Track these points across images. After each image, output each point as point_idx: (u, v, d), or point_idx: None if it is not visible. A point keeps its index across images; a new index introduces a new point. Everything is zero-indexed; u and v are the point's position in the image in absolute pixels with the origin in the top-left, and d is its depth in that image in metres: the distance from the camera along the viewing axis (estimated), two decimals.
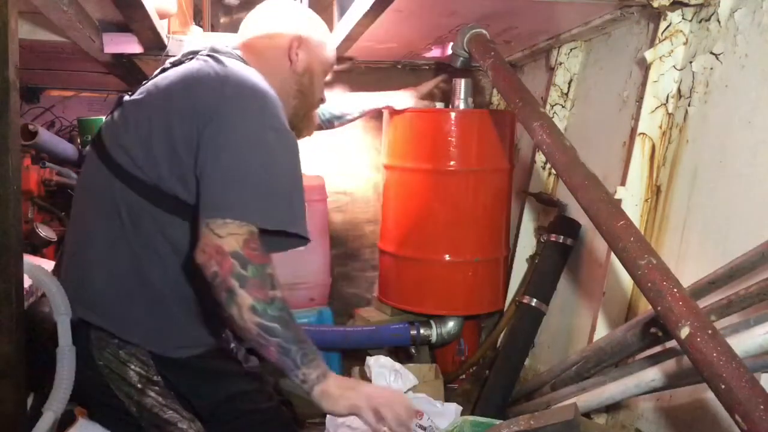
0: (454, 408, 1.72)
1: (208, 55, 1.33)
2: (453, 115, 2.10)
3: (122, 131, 1.29)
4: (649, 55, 1.71)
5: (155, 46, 2.26)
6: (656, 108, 1.70)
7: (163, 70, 1.37)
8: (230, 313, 1.13)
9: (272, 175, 1.21)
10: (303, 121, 1.50)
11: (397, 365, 1.82)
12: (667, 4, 1.64)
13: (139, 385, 1.27)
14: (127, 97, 1.35)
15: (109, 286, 1.28)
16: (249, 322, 1.12)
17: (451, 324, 2.20)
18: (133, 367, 1.28)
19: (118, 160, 1.27)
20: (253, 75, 1.30)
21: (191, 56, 1.36)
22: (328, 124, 2.03)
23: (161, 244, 1.27)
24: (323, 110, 2.00)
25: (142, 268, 1.27)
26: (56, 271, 1.38)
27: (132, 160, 1.26)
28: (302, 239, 1.28)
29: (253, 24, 1.46)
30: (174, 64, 1.37)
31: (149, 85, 1.33)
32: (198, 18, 3.11)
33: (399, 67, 2.71)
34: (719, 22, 1.57)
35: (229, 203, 1.16)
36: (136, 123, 1.28)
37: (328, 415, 1.64)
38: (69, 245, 1.37)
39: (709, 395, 0.98)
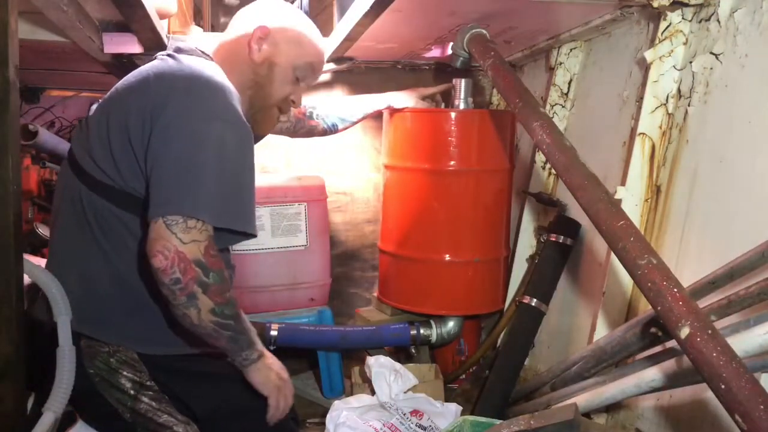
0: (454, 408, 1.73)
1: (168, 55, 1.34)
2: (453, 115, 2.10)
3: (85, 136, 1.31)
4: (649, 55, 1.71)
5: (155, 46, 2.25)
6: (656, 108, 1.70)
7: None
8: (186, 313, 1.17)
9: (223, 170, 1.20)
10: (259, 114, 1.45)
11: (397, 365, 1.82)
12: (667, 4, 1.64)
13: (132, 392, 1.27)
14: (94, 106, 1.36)
15: (87, 291, 1.29)
16: (206, 321, 1.19)
17: (451, 324, 2.20)
18: (125, 373, 1.28)
19: (85, 167, 1.29)
20: (207, 68, 1.29)
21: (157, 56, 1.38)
22: (333, 128, 2.03)
23: (132, 245, 1.27)
24: (327, 115, 2.01)
25: (116, 271, 1.28)
26: None
27: (96, 164, 1.27)
28: (249, 235, 1.29)
29: (234, 18, 1.48)
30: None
31: (112, 89, 1.34)
32: (198, 18, 3.11)
33: (399, 67, 2.70)
34: (719, 22, 1.57)
35: (187, 201, 1.15)
36: (98, 126, 1.29)
37: (328, 415, 1.64)
38: (49, 255, 1.39)
39: (709, 395, 0.98)
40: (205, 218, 1.16)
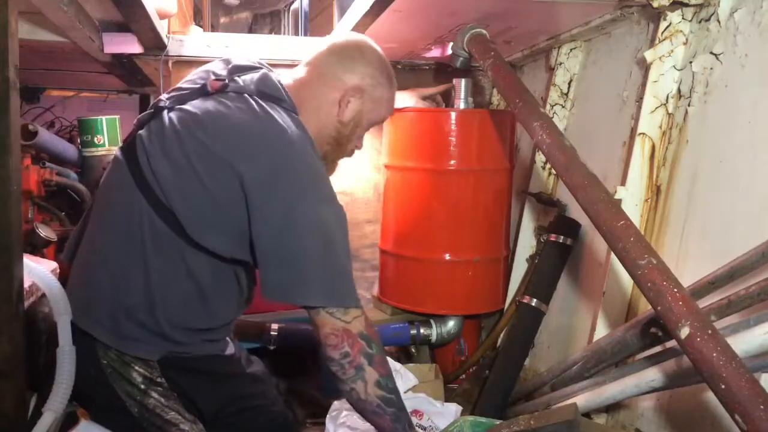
0: (454, 408, 1.72)
1: (257, 102, 1.27)
2: (453, 115, 2.10)
3: (159, 157, 1.25)
4: (649, 55, 1.71)
5: (155, 46, 2.26)
6: (656, 108, 1.70)
7: (205, 91, 1.30)
8: (354, 387, 1.23)
9: (344, 252, 1.27)
10: (327, 164, 1.43)
11: (397, 365, 1.82)
12: (667, 4, 1.64)
13: (142, 386, 1.27)
14: (165, 115, 1.28)
15: (117, 302, 1.27)
16: (372, 395, 1.23)
17: (451, 324, 2.20)
18: (137, 368, 1.28)
19: (150, 183, 1.25)
20: (300, 141, 1.26)
21: (238, 90, 1.29)
22: None
23: (177, 264, 1.26)
24: None
25: (152, 288, 1.25)
26: (64, 274, 1.37)
27: (162, 190, 1.24)
28: None
29: (325, 56, 1.40)
30: (218, 89, 1.30)
31: (193, 118, 1.26)
32: (198, 18, 3.11)
33: (399, 67, 2.70)
34: (719, 22, 1.57)
35: (338, 294, 1.23)
36: (173, 157, 1.25)
37: (328, 415, 1.64)
38: (83, 249, 1.34)
39: (709, 395, 0.98)
40: (354, 303, 1.24)
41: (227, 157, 1.22)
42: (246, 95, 1.28)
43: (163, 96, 1.35)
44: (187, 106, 1.28)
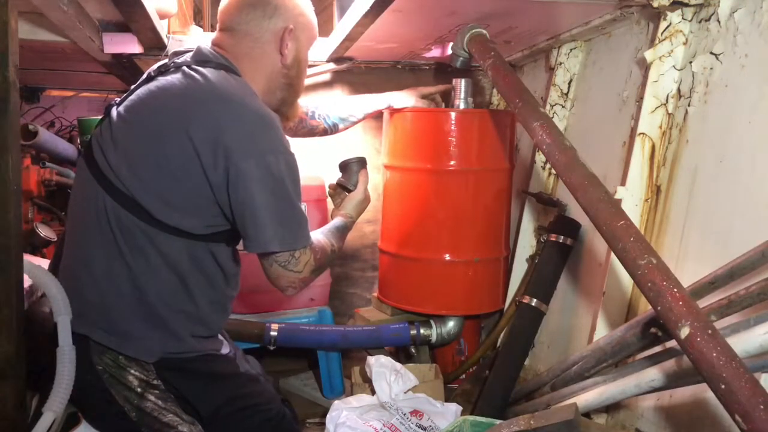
0: (454, 408, 1.72)
1: (195, 69, 1.30)
2: (453, 115, 2.10)
3: (111, 148, 1.28)
4: (649, 55, 1.71)
5: (155, 46, 2.26)
6: (656, 108, 1.70)
7: (150, 78, 1.35)
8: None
9: (295, 198, 1.30)
10: (290, 109, 1.51)
11: (397, 365, 1.82)
12: (667, 4, 1.64)
13: (138, 390, 1.27)
14: (114, 110, 1.33)
15: (108, 302, 1.28)
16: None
17: (451, 324, 2.20)
18: (132, 371, 1.28)
19: (108, 177, 1.27)
20: (246, 95, 1.29)
21: (177, 65, 1.33)
22: (333, 128, 2.03)
23: (152, 255, 1.27)
24: (328, 115, 2.01)
25: (137, 281, 1.27)
26: None
27: (122, 181, 1.26)
28: None
29: (236, 14, 1.41)
30: (160, 71, 1.35)
31: (136, 101, 1.31)
32: (198, 18, 3.11)
33: (399, 67, 2.70)
34: (719, 22, 1.57)
35: (288, 237, 1.29)
36: (125, 145, 1.27)
37: (328, 415, 1.64)
38: (65, 258, 1.36)
39: (709, 395, 0.98)
40: (304, 244, 1.33)
41: (175, 125, 1.24)
42: (184, 67, 1.32)
43: (116, 99, 1.39)
44: (132, 96, 1.33)
